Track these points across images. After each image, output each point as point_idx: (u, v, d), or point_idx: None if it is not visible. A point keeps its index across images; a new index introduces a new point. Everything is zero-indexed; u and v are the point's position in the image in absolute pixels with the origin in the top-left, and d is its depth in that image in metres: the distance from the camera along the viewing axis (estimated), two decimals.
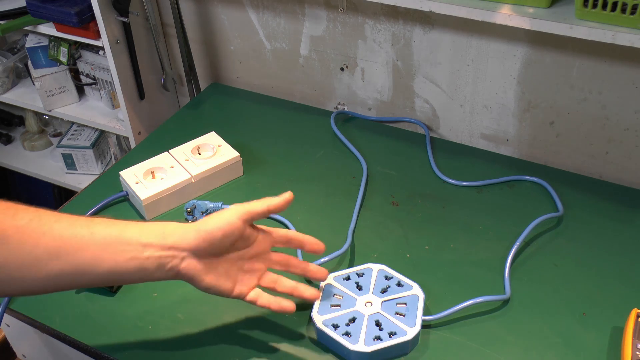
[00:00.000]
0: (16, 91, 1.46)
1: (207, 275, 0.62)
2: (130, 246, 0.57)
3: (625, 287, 0.77)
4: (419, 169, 0.98)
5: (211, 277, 0.62)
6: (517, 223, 0.86)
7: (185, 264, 0.60)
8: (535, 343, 0.70)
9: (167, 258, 0.58)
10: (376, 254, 0.82)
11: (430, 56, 1.00)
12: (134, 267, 0.57)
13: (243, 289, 0.65)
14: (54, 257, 0.54)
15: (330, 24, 1.06)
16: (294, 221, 0.87)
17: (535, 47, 0.91)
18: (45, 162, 1.58)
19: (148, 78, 1.24)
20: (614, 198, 0.91)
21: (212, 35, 1.20)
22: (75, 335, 0.73)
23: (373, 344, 0.67)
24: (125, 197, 0.93)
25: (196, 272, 0.61)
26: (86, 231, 0.56)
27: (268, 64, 1.18)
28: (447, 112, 1.06)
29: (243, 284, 0.65)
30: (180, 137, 1.00)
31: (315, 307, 0.71)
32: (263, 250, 0.67)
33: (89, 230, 0.56)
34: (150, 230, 0.59)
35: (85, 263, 0.55)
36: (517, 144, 1.03)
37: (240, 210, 0.62)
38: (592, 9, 0.74)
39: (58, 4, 1.13)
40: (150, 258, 0.58)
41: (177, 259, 0.59)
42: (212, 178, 0.94)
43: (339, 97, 1.16)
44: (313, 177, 0.97)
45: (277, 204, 0.65)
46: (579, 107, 0.94)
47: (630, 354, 0.65)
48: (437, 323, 0.73)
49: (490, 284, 0.78)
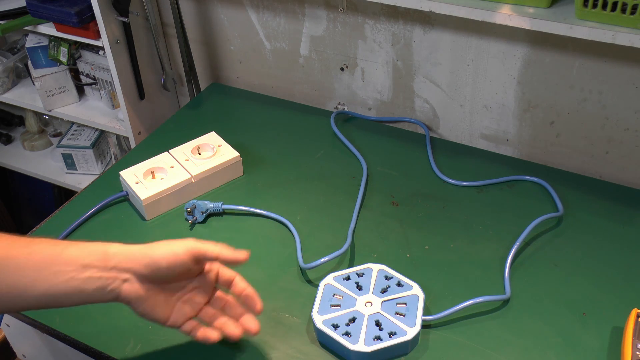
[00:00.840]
0: (16, 91, 1.46)
1: (145, 302, 0.59)
2: (69, 266, 0.55)
3: (625, 287, 0.77)
4: (419, 169, 0.98)
5: (147, 305, 0.60)
6: (517, 223, 0.86)
7: (126, 287, 0.57)
8: (535, 343, 0.70)
9: (108, 279, 0.56)
10: (376, 254, 0.82)
11: (430, 56, 1.00)
12: (72, 288, 0.55)
13: (178, 320, 0.63)
14: None
15: (330, 24, 1.06)
16: (294, 221, 0.87)
17: (535, 47, 0.91)
18: (45, 162, 1.58)
19: (148, 78, 1.24)
20: (614, 198, 0.91)
21: (212, 35, 1.20)
22: (75, 335, 0.73)
23: (373, 344, 0.67)
24: (125, 197, 0.93)
25: (136, 298, 0.58)
26: (24, 251, 0.54)
27: (268, 64, 1.18)
28: (447, 112, 1.06)
29: (179, 315, 0.63)
30: (180, 137, 1.00)
31: (315, 307, 0.71)
32: (207, 284, 0.65)
33: (27, 250, 0.54)
34: (91, 251, 0.56)
35: (22, 285, 0.53)
36: (517, 144, 1.03)
37: (191, 246, 0.59)
38: (592, 9, 0.74)
39: (58, 4, 1.13)
40: (90, 279, 0.55)
41: (118, 280, 0.57)
42: (212, 178, 0.94)
43: (339, 97, 1.16)
44: (313, 177, 0.97)
45: (228, 256, 0.61)
46: (579, 107, 0.94)
47: (630, 354, 0.65)
48: (437, 323, 0.73)
49: (490, 284, 0.78)
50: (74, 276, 0.55)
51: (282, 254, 0.83)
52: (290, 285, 0.78)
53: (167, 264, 0.58)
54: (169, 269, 0.59)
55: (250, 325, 0.64)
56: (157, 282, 0.60)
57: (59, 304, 0.56)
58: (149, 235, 0.87)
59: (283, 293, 0.77)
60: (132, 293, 0.58)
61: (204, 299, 0.65)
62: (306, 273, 0.80)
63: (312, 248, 0.83)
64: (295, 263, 0.81)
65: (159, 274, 0.59)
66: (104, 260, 0.56)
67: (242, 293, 0.64)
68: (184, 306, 0.63)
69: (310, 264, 0.79)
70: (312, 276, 0.79)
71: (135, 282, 0.58)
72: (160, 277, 0.59)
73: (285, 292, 0.77)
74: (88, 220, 0.89)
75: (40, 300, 0.55)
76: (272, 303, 0.76)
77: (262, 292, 0.77)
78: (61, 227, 0.87)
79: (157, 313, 0.61)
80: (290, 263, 0.81)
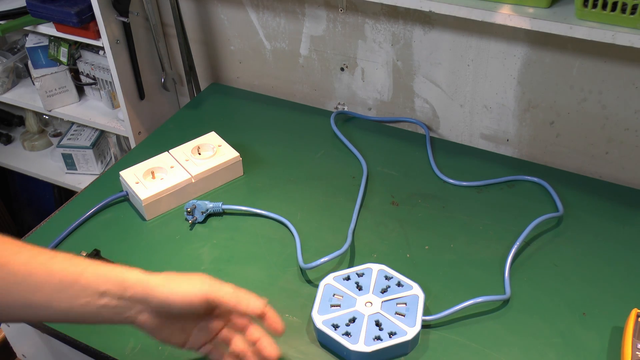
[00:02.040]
0: (16, 91, 1.46)
1: (161, 331, 0.60)
2: (86, 291, 0.55)
3: (625, 287, 0.77)
4: (419, 169, 0.98)
5: (165, 333, 0.60)
6: (517, 223, 0.86)
7: (142, 318, 0.58)
8: (535, 343, 0.70)
9: (123, 309, 0.57)
10: (376, 254, 0.82)
11: (430, 56, 1.00)
12: (88, 313, 0.55)
13: (195, 344, 0.63)
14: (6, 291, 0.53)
15: (330, 24, 1.06)
16: (294, 221, 0.87)
17: (535, 47, 0.91)
18: (45, 162, 1.58)
19: (148, 78, 1.24)
20: (614, 198, 0.91)
21: (212, 35, 1.20)
22: (75, 335, 0.73)
23: (373, 344, 0.67)
24: (125, 197, 0.93)
25: (152, 328, 0.59)
26: (44, 269, 0.54)
27: (268, 64, 1.18)
28: (447, 112, 1.06)
29: (196, 339, 0.63)
30: (180, 137, 1.00)
31: (315, 307, 0.71)
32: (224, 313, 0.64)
33: (47, 268, 0.54)
34: (110, 277, 0.56)
35: (39, 303, 0.54)
36: (517, 144, 1.03)
37: (206, 292, 0.58)
38: (592, 9, 0.74)
39: (58, 4, 1.13)
40: (106, 307, 0.56)
41: (134, 310, 0.57)
42: (212, 178, 0.94)
43: (339, 97, 1.16)
44: (313, 177, 0.97)
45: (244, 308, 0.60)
46: (579, 107, 0.94)
47: (630, 354, 0.65)
48: (437, 323, 0.73)
49: (490, 284, 0.78)
50: (91, 302, 0.55)
51: (282, 254, 0.83)
52: (290, 285, 0.78)
53: (180, 309, 0.58)
54: (182, 312, 0.58)
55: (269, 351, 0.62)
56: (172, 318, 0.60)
57: (74, 322, 0.57)
58: (149, 235, 0.87)
59: (283, 293, 0.77)
60: (147, 323, 0.59)
61: (220, 324, 0.64)
62: (306, 273, 0.80)
63: (312, 248, 0.83)
64: (295, 263, 0.81)
65: (171, 315, 0.59)
66: (122, 289, 0.56)
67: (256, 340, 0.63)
68: (200, 333, 0.63)
69: (310, 264, 0.79)
70: (312, 276, 0.79)
71: (150, 315, 0.58)
72: (173, 316, 0.60)
73: (285, 292, 0.77)
74: (88, 220, 0.89)
75: (56, 317, 0.56)
76: (272, 303, 0.76)
77: (262, 292, 0.77)
78: (61, 227, 0.87)
79: (174, 340, 0.62)
80: (290, 263, 0.81)
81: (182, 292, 0.57)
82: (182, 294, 0.57)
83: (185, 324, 0.62)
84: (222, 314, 0.63)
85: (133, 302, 0.57)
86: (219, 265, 0.82)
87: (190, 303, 0.57)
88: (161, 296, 0.57)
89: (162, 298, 0.57)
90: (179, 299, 0.57)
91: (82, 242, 0.85)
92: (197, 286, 0.58)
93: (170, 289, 0.57)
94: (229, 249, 0.84)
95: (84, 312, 0.55)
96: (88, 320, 0.57)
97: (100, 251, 0.81)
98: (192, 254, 0.84)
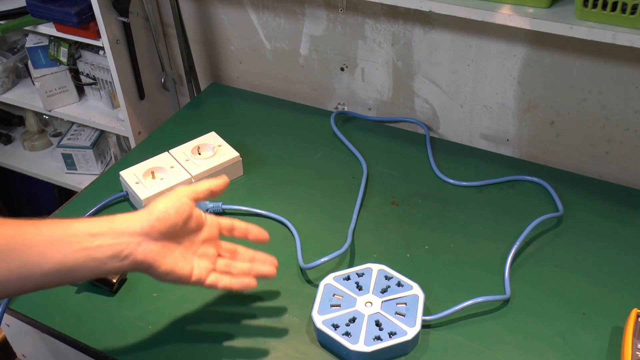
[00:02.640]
0: (16, 91, 1.46)
1: (165, 259, 0.60)
2: (77, 237, 0.55)
3: (625, 287, 0.77)
4: (419, 169, 0.98)
5: (169, 260, 0.60)
6: (517, 223, 0.86)
7: (142, 249, 0.58)
8: (535, 343, 0.70)
9: (120, 245, 0.57)
10: (376, 254, 0.82)
11: (430, 56, 1.00)
12: (83, 258, 0.55)
13: (202, 273, 0.63)
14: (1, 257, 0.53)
15: (330, 24, 1.06)
16: (294, 221, 0.87)
17: (535, 47, 0.91)
18: (45, 162, 1.58)
19: (148, 78, 1.24)
20: (614, 198, 0.91)
21: (212, 35, 1.20)
22: (75, 335, 0.73)
23: (373, 344, 0.67)
24: (125, 197, 0.93)
25: (154, 257, 0.59)
26: (33, 229, 0.55)
27: (268, 64, 1.18)
28: (447, 112, 1.06)
29: (200, 268, 0.63)
30: (180, 137, 1.00)
31: (315, 307, 0.71)
32: (212, 236, 0.66)
33: (36, 228, 0.55)
34: (99, 221, 0.57)
35: (32, 261, 0.54)
36: (517, 144, 1.03)
37: (186, 189, 0.64)
38: (592, 9, 0.74)
39: (58, 4, 1.13)
40: (101, 247, 0.56)
41: (132, 244, 0.57)
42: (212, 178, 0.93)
43: (339, 97, 1.16)
44: (313, 177, 0.97)
45: (216, 186, 0.67)
46: (579, 107, 0.94)
47: (630, 354, 0.65)
48: (437, 323, 0.73)
49: (490, 284, 0.78)
50: (85, 246, 0.55)
51: (282, 254, 0.83)
52: (290, 285, 0.78)
53: (175, 211, 0.61)
54: (178, 215, 0.61)
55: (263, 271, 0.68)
56: (170, 238, 0.61)
57: (73, 277, 0.56)
58: None
59: (283, 293, 0.77)
60: (149, 253, 0.58)
61: (215, 251, 0.67)
62: (306, 273, 0.80)
63: (312, 248, 0.83)
64: (295, 263, 0.81)
65: (170, 225, 0.60)
66: (112, 229, 0.57)
67: (247, 229, 0.69)
68: (200, 260, 0.64)
69: (310, 264, 0.79)
70: (312, 276, 0.79)
71: (149, 243, 0.59)
72: (172, 229, 0.61)
73: (285, 292, 0.77)
74: None
75: (53, 276, 0.55)
76: (272, 303, 0.76)
77: (262, 292, 0.78)
78: None
79: (180, 269, 0.61)
80: (290, 263, 0.81)
81: (168, 198, 0.62)
82: (169, 199, 0.61)
83: (185, 250, 0.63)
84: (211, 238, 0.66)
85: (128, 236, 0.57)
86: None
87: (180, 201, 0.62)
88: (153, 212, 0.60)
89: (155, 212, 0.60)
90: (170, 203, 0.61)
91: None
92: (177, 191, 0.63)
93: (157, 204, 0.61)
94: None
95: (80, 259, 0.55)
96: (86, 271, 0.56)
97: None
98: None
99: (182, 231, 0.63)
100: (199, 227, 0.65)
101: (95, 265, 0.56)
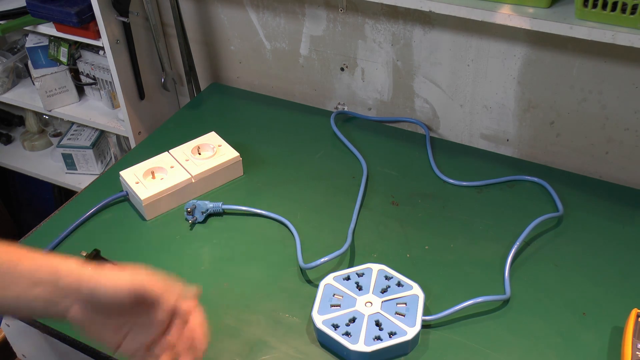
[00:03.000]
0: (16, 91, 1.46)
1: (93, 327, 0.57)
2: (20, 282, 0.54)
3: (625, 287, 0.77)
4: (419, 169, 0.98)
5: (96, 329, 0.57)
6: (517, 223, 0.86)
7: (73, 311, 0.55)
8: (535, 343, 0.70)
9: (56, 300, 0.55)
10: (376, 254, 0.82)
11: (430, 56, 1.00)
12: (22, 304, 0.54)
13: (128, 349, 0.58)
14: None
15: (330, 24, 1.06)
16: (294, 221, 0.87)
17: (535, 47, 0.91)
18: (45, 162, 1.58)
19: (148, 78, 1.24)
20: (614, 198, 0.91)
21: (212, 35, 1.20)
22: (75, 336, 0.73)
23: (373, 344, 0.67)
24: (125, 197, 0.93)
25: (81, 322, 0.56)
26: None
27: (268, 64, 1.18)
28: (447, 112, 1.06)
29: (130, 345, 0.58)
30: (180, 137, 1.00)
31: (315, 307, 0.71)
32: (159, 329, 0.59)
33: None
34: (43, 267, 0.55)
35: None
36: (517, 144, 1.03)
37: (136, 283, 0.56)
38: (592, 9, 0.74)
39: (58, 4, 1.13)
40: (39, 298, 0.54)
41: (66, 301, 0.55)
42: (212, 178, 0.94)
43: (339, 97, 1.16)
44: (313, 177, 0.97)
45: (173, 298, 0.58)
46: (579, 107, 0.94)
47: (630, 354, 0.65)
48: (437, 323, 0.73)
49: (490, 284, 0.78)
50: (24, 292, 0.54)
51: (282, 254, 0.83)
52: (290, 285, 0.78)
53: (108, 299, 0.55)
54: (111, 302, 0.55)
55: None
56: (104, 313, 0.57)
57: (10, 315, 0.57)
58: (149, 235, 0.87)
59: (283, 293, 0.77)
60: (78, 317, 0.56)
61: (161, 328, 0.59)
62: (306, 273, 0.80)
63: (312, 248, 0.83)
64: (295, 263, 0.81)
65: (102, 308, 0.56)
66: (55, 278, 0.55)
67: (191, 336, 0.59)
68: (136, 336, 0.58)
69: (310, 264, 0.79)
70: (312, 276, 0.79)
71: (83, 307, 0.56)
72: (105, 310, 0.57)
73: (285, 292, 0.77)
74: (88, 220, 0.89)
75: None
76: (272, 303, 0.76)
77: (262, 292, 0.78)
78: (61, 227, 0.87)
79: (105, 339, 0.58)
80: (290, 263, 0.81)
81: (112, 281, 0.55)
82: (111, 283, 0.55)
83: (119, 323, 0.58)
84: (159, 322, 0.59)
85: (65, 293, 0.55)
86: (219, 265, 0.82)
87: (118, 293, 0.55)
88: (90, 285, 0.55)
89: (91, 287, 0.55)
90: (108, 289, 0.55)
91: (82, 242, 0.85)
92: (127, 277, 0.56)
93: (99, 277, 0.55)
94: (229, 249, 0.84)
95: (18, 304, 0.54)
96: (22, 312, 0.56)
97: (100, 251, 0.81)
98: (192, 254, 0.84)
99: (116, 315, 0.58)
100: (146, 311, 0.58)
101: (31, 312, 0.55)
